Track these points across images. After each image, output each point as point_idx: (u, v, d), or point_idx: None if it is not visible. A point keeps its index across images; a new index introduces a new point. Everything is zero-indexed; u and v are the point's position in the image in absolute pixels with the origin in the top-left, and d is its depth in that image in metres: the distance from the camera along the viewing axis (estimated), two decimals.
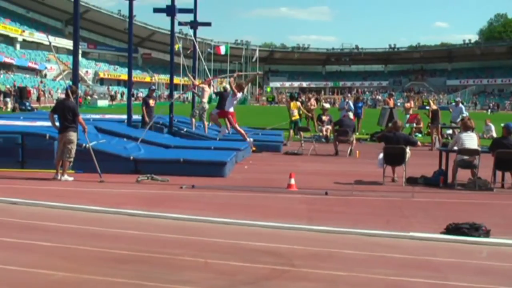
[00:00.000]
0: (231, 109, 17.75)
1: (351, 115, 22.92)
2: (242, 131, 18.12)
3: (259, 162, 17.88)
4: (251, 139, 18.91)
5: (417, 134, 27.69)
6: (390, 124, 17.70)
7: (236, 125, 17.91)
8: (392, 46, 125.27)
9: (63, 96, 23.32)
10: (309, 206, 10.91)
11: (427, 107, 28.24)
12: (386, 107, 30.69)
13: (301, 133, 23.44)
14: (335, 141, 20.79)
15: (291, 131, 24.24)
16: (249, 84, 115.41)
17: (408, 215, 10.26)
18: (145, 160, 14.51)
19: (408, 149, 14.08)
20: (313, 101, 30.83)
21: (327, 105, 25.64)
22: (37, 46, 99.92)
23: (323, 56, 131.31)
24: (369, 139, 26.00)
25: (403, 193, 12.31)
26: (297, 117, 24.35)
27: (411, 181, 13.80)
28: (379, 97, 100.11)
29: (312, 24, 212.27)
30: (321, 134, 24.26)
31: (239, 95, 17.83)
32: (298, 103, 25.21)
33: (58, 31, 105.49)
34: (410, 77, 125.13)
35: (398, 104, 65.61)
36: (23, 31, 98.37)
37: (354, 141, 21.03)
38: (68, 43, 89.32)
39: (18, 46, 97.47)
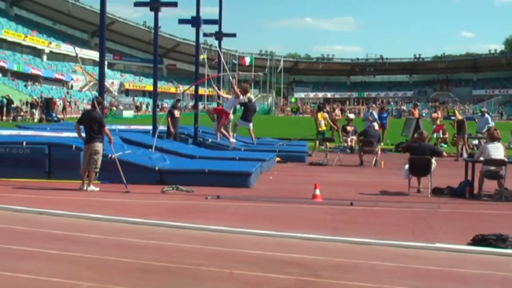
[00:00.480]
0: (230, 110, 18.00)
1: (376, 125, 22.84)
2: (226, 133, 18.40)
3: (284, 173, 17.87)
4: (234, 140, 19.12)
5: (442, 144, 27.51)
6: (415, 135, 17.62)
7: (222, 128, 18.17)
8: (417, 56, 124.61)
9: (89, 107, 23.49)
10: (334, 217, 10.88)
11: (453, 117, 28.01)
12: (411, 117, 30.52)
13: (327, 143, 23.40)
14: (360, 152, 20.73)
15: (317, 141, 24.22)
16: (274, 95, 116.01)
17: (434, 226, 10.19)
18: (170, 171, 14.56)
19: (433, 160, 14.00)
20: (338, 111, 30.77)
21: (351, 116, 25.60)
22: (63, 57, 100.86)
23: (348, 67, 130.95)
24: (394, 150, 25.85)
25: (428, 204, 12.22)
26: (324, 128, 24.34)
27: (436, 192, 13.71)
28: (404, 107, 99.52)
29: (336, 34, 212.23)
30: (346, 144, 24.20)
31: (241, 97, 17.93)
32: (326, 114, 25.20)
33: (84, 42, 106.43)
34: (435, 87, 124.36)
35: (423, 114, 65.19)
36: (50, 42, 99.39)
37: (379, 152, 20.94)
38: (94, 54, 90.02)
39: (45, 57, 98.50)
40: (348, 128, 24.00)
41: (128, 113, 67.07)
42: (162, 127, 21.82)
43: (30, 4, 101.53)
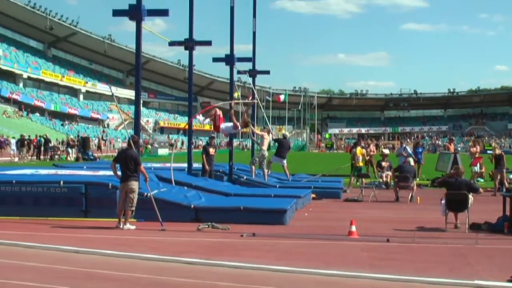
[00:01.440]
0: (224, 131, 18.18)
1: (411, 161, 22.65)
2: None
3: (319, 209, 17.80)
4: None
5: (479, 179, 27.19)
6: (452, 170, 17.47)
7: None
8: (451, 90, 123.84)
9: (125, 145, 23.70)
10: (370, 254, 10.79)
11: (490, 152, 27.72)
12: (446, 152, 30.26)
13: (362, 179, 23.30)
14: (395, 187, 20.59)
15: (352, 177, 24.13)
16: (308, 131, 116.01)
17: (473, 263, 10.05)
18: (206, 209, 14.58)
19: (470, 195, 13.84)
20: (372, 147, 30.69)
21: (386, 151, 25.46)
22: (99, 96, 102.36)
23: (382, 102, 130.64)
24: (430, 185, 25.64)
25: (466, 240, 12.07)
26: (362, 163, 24.25)
27: (474, 227, 13.53)
28: (439, 142, 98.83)
29: (370, 70, 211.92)
30: (381, 180, 24.04)
31: (239, 128, 17.97)
32: (364, 150, 25.12)
33: (119, 81, 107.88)
34: (470, 121, 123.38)
35: (459, 148, 64.63)
36: (86, 82, 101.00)
37: (415, 187, 20.76)
38: (129, 93, 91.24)
39: (81, 97, 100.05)
40: (383, 163, 23.86)
41: (163, 151, 67.53)
42: (197, 165, 21.93)
43: (67, 45, 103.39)
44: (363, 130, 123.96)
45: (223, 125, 18.15)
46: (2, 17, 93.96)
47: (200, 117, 17.39)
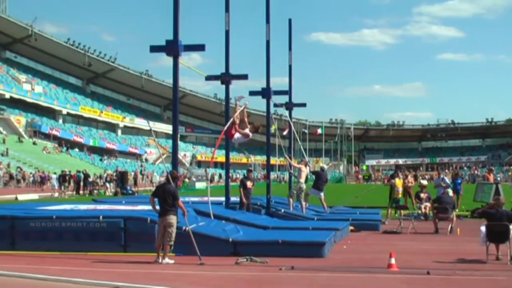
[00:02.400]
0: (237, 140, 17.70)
1: (450, 191, 22.43)
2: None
3: (357, 242, 17.67)
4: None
5: None
6: (492, 200, 17.26)
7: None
8: (489, 119, 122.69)
9: (162, 179, 23.85)
10: (410, 286, 10.68)
11: None
12: (484, 182, 29.88)
13: (400, 211, 23.12)
14: (434, 219, 20.37)
15: (389, 209, 23.96)
16: (345, 163, 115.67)
17: None
18: (244, 242, 14.57)
19: (511, 226, 13.66)
20: (410, 178, 30.38)
21: (425, 182, 25.21)
22: (137, 131, 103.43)
23: (419, 132, 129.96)
24: (470, 216, 25.31)
25: (508, 272, 11.91)
26: (400, 195, 24.10)
27: None
28: (478, 172, 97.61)
29: (406, 101, 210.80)
30: (420, 211, 23.80)
31: (250, 136, 17.70)
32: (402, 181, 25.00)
33: (157, 116, 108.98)
34: (510, 150, 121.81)
35: (498, 178, 63.78)
36: (124, 117, 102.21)
37: (455, 218, 20.52)
38: (166, 128, 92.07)
39: (119, 132, 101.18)
40: (422, 195, 23.62)
41: (200, 185, 67.71)
42: (234, 198, 21.95)
43: (105, 81, 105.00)
44: (400, 161, 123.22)
45: (236, 136, 17.89)
46: (43, 55, 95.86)
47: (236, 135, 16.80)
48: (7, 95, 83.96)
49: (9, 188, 54.17)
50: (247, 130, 17.43)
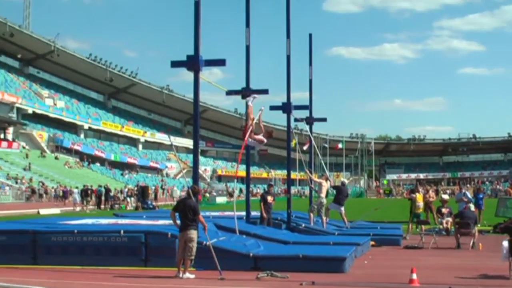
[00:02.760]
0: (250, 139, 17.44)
1: (472, 206, 22.28)
2: None
3: (379, 257, 17.59)
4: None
5: None
6: None
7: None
8: (511, 134, 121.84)
9: (183, 194, 23.89)
10: None
11: None
12: (507, 197, 29.66)
13: (422, 226, 22.98)
14: (456, 234, 20.22)
15: (410, 224, 23.82)
16: (366, 177, 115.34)
17: None
18: (265, 257, 14.55)
19: None
20: (431, 193, 30.22)
21: (446, 197, 25.07)
22: (158, 146, 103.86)
23: (440, 147, 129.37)
24: (492, 231, 25.09)
25: None
26: (421, 210, 23.97)
27: None
28: (500, 187, 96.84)
29: (427, 115, 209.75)
30: (441, 226, 23.65)
31: (265, 142, 17.57)
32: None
33: (177, 131, 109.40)
34: None
35: None
36: (145, 132, 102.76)
37: (477, 233, 20.36)
38: (187, 142, 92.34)
39: (140, 146, 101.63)
40: (443, 209, 23.47)
41: (221, 199, 67.75)
42: (255, 213, 21.92)
43: (126, 96, 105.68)
44: (421, 176, 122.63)
45: (249, 140, 17.77)
46: (65, 70, 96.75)
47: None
48: (30, 110, 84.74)
49: (31, 203, 54.50)
50: (261, 136, 17.44)
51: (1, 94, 79.66)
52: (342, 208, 23.50)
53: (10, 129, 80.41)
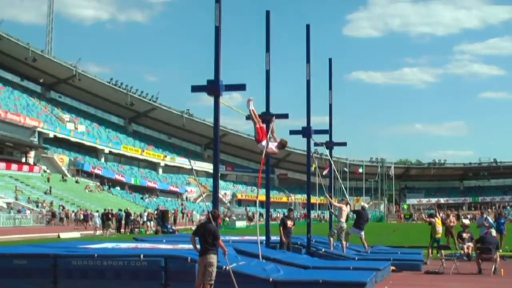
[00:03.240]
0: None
1: (493, 231, 22.10)
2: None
3: (399, 282, 17.49)
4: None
5: None
6: None
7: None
8: None
9: (203, 218, 23.92)
10: None
11: None
12: None
13: (442, 251, 22.82)
14: (477, 259, 20.07)
15: (430, 249, 23.67)
16: (386, 202, 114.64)
17: None
18: (285, 282, 14.50)
19: None
20: (452, 217, 30.02)
21: (467, 222, 24.92)
22: (178, 170, 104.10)
23: (461, 171, 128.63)
24: None
25: None
26: (440, 234, 23.86)
27: None
28: None
29: (447, 139, 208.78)
30: (462, 252, 23.48)
31: (275, 151, 17.44)
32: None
33: (197, 155, 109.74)
34: None
35: None
36: (165, 156, 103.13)
37: (498, 259, 20.20)
38: (207, 166, 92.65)
39: (160, 170, 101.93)
40: (464, 234, 23.33)
41: (241, 224, 67.68)
42: (275, 237, 21.87)
43: (146, 120, 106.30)
44: (442, 200, 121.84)
45: (263, 143, 17.57)
46: (86, 94, 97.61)
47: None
48: (51, 134, 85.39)
49: (52, 226, 54.74)
50: (275, 148, 17.40)
51: (23, 118, 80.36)
52: (362, 233, 23.42)
53: (32, 153, 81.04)
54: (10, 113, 78.77)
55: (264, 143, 17.23)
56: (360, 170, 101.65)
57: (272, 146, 17.43)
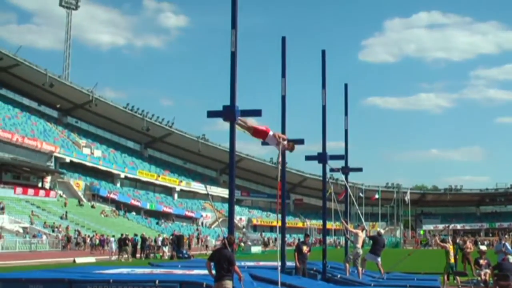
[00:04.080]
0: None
1: (511, 258, 21.90)
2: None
3: None
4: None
5: None
6: None
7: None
8: None
9: (218, 243, 23.88)
10: None
11: None
12: None
13: (458, 277, 22.64)
14: (495, 286, 19.89)
15: (446, 275, 23.50)
16: (402, 227, 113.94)
17: None
18: None
19: None
20: (469, 243, 29.80)
21: (484, 248, 24.73)
22: (193, 195, 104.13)
23: (477, 197, 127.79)
24: None
25: None
26: (453, 260, 23.67)
27: None
28: None
29: (464, 165, 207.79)
30: (479, 278, 23.28)
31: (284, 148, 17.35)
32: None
33: (213, 180, 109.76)
34: None
35: None
36: (181, 181, 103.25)
37: None
38: (222, 191, 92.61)
39: (176, 195, 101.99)
40: (481, 261, 23.15)
41: (256, 249, 67.49)
42: (290, 263, 21.80)
43: (162, 145, 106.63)
44: (458, 226, 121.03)
45: (270, 133, 17.35)
46: (102, 119, 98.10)
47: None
48: (67, 159, 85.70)
49: (67, 251, 54.81)
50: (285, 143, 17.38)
51: (40, 143, 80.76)
52: (379, 259, 23.31)
53: (48, 178, 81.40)
54: (27, 138, 79.19)
55: (271, 132, 17.18)
56: (377, 196, 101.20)
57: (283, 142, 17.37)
